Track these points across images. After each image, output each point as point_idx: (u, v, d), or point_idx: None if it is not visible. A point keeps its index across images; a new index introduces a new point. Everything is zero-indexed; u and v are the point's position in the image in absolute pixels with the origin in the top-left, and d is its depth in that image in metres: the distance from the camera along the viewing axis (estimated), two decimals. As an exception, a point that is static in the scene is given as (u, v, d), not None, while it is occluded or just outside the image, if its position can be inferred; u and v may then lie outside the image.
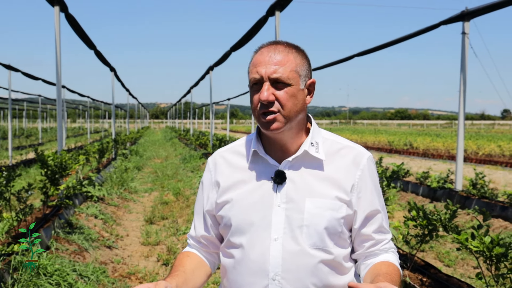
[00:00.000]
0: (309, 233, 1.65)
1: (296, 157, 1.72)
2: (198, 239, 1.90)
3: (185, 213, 8.98)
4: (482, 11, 8.62)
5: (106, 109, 58.78)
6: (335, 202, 1.68)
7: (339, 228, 1.68)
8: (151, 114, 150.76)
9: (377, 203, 1.75)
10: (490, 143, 22.17)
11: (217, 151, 1.91)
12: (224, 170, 1.82)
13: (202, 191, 1.89)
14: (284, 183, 1.70)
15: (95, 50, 12.74)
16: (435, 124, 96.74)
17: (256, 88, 1.68)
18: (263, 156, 1.75)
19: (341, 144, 1.78)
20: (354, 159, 1.73)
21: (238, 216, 1.72)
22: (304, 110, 1.71)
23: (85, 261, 5.61)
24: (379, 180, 1.82)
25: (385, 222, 1.79)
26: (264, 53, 1.68)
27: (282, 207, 1.68)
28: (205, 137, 23.98)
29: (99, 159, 13.74)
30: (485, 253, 2.98)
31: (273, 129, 1.65)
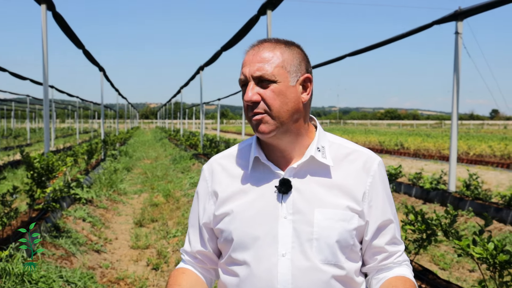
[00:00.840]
0: (320, 247, 1.51)
1: (301, 164, 1.57)
2: (194, 254, 1.73)
3: (175, 215, 8.83)
4: (475, 10, 8.55)
5: (95, 109, 58.41)
6: (346, 213, 1.53)
7: (351, 240, 1.54)
8: (141, 114, 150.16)
9: (389, 212, 1.61)
10: (481, 143, 22.19)
11: (213, 158, 1.75)
12: (222, 178, 1.66)
13: (198, 201, 1.72)
14: (289, 193, 1.55)
15: (84, 49, 12.54)
16: (425, 124, 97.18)
17: (244, 90, 1.55)
18: (265, 162, 1.60)
19: (349, 148, 1.63)
20: (364, 165, 1.59)
21: (240, 230, 1.56)
22: (299, 109, 1.55)
23: (72, 267, 5.44)
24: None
25: (398, 232, 1.65)
26: (250, 52, 1.56)
27: (289, 219, 1.53)
28: (195, 137, 23.82)
29: (87, 160, 13.53)
30: (489, 260, 2.86)
31: (261, 131, 1.51)
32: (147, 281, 5.53)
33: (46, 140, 7.81)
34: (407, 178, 11.63)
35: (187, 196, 10.68)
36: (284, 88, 1.51)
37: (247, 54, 1.56)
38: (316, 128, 1.65)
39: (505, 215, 7.54)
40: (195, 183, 12.22)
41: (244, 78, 1.53)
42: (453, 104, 9.06)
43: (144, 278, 5.62)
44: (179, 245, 6.79)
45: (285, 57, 1.53)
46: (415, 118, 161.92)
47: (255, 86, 1.51)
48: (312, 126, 1.66)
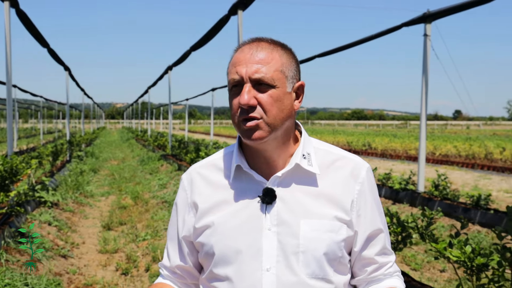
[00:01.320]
0: (307, 261, 1.42)
1: (286, 172, 1.48)
2: (173, 269, 1.64)
3: (145, 218, 8.66)
4: (444, 13, 8.66)
5: (60, 109, 57.20)
6: (334, 223, 1.45)
7: (339, 252, 1.46)
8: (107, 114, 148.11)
9: (379, 221, 1.54)
10: (446, 144, 22.60)
11: (193, 167, 1.65)
12: (202, 189, 1.56)
13: (177, 213, 1.62)
14: (274, 203, 1.46)
15: (48, 48, 12.23)
16: (391, 124, 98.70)
17: (235, 91, 1.44)
18: (247, 171, 1.51)
19: (335, 154, 1.55)
20: (352, 172, 1.52)
21: (221, 243, 1.47)
22: (291, 116, 1.47)
23: (38, 273, 5.24)
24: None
25: (388, 242, 1.58)
26: (245, 50, 1.45)
27: (273, 231, 1.44)
28: (163, 138, 23.55)
29: (52, 161, 13.20)
30: (466, 263, 2.85)
31: (255, 138, 1.41)
32: (117, 287, 5.39)
33: (9, 142, 7.55)
34: (376, 179, 11.72)
35: (156, 198, 10.52)
36: (282, 94, 1.43)
37: (242, 52, 1.45)
38: (301, 134, 1.57)
39: (473, 215, 7.64)
40: (164, 185, 12.06)
41: (239, 79, 1.42)
42: (422, 105, 9.15)
43: (114, 284, 5.46)
44: (149, 248, 6.64)
45: (284, 60, 1.45)
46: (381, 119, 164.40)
47: (252, 89, 1.41)
48: (297, 132, 1.58)
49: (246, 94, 1.39)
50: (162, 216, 8.57)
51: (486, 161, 18.58)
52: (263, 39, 1.48)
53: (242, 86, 1.42)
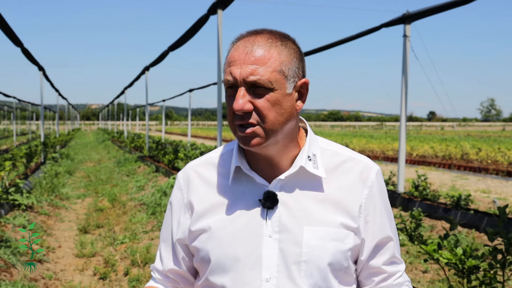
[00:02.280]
0: (309, 271, 1.31)
1: (290, 175, 1.37)
2: (166, 273, 1.53)
3: (122, 221, 8.48)
4: (423, 14, 8.69)
5: (33, 110, 56.26)
6: (340, 231, 1.34)
7: (345, 262, 1.35)
8: (82, 115, 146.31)
9: (388, 228, 1.43)
10: (423, 144, 22.82)
11: (190, 164, 1.53)
12: (199, 189, 1.45)
13: (171, 214, 1.51)
14: (275, 208, 1.35)
15: (22, 47, 11.95)
16: (367, 126, 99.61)
17: (231, 93, 1.31)
18: (248, 173, 1.39)
19: (343, 155, 1.43)
20: (361, 175, 1.40)
21: (218, 250, 1.36)
22: (292, 118, 1.34)
23: (13, 279, 5.06)
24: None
25: (398, 250, 1.47)
26: (239, 48, 1.30)
27: (274, 238, 1.33)
28: (140, 139, 23.26)
29: (27, 163, 12.90)
30: (458, 265, 2.80)
31: (252, 145, 1.29)
32: (95, 292, 5.23)
33: (-18, 143, 7.30)
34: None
35: (133, 200, 10.33)
36: (281, 97, 1.29)
37: (236, 50, 1.31)
38: (307, 132, 1.45)
39: (454, 216, 7.66)
40: (141, 187, 11.87)
41: (232, 80, 1.29)
42: (402, 106, 9.16)
43: (92, 289, 5.31)
44: (128, 252, 6.49)
45: (283, 58, 1.30)
46: (357, 120, 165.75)
47: (246, 92, 1.28)
48: (302, 131, 1.46)
49: (241, 99, 1.27)
50: (140, 218, 8.41)
51: (463, 161, 18.79)
52: (261, 32, 1.33)
53: (237, 88, 1.29)
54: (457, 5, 7.76)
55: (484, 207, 9.45)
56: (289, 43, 1.34)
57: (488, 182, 14.30)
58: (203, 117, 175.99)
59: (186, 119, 30.29)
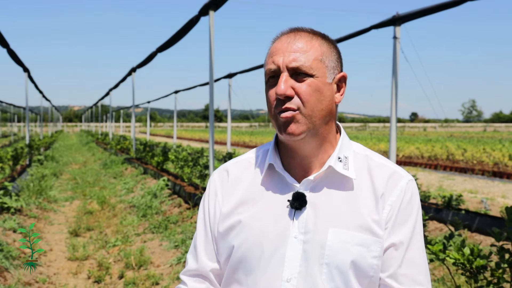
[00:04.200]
0: (331, 274, 1.29)
1: (319, 175, 1.36)
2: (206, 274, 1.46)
3: (113, 223, 8.41)
4: (413, 16, 8.73)
5: (15, 112, 55.60)
6: (366, 237, 1.31)
7: (370, 271, 1.31)
8: (64, 117, 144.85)
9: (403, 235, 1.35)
10: (409, 145, 23.01)
11: (224, 165, 1.53)
12: (232, 187, 1.45)
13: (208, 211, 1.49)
14: (303, 209, 1.34)
15: (8, 48, 11.79)
16: (350, 127, 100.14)
17: (272, 82, 1.34)
18: (280, 172, 1.39)
19: (375, 161, 1.41)
20: (389, 182, 1.36)
21: (243, 247, 1.36)
22: (332, 112, 1.36)
23: (7, 283, 4.99)
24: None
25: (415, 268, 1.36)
26: (282, 39, 1.35)
27: (299, 239, 1.32)
28: (126, 141, 23.12)
29: (13, 166, 12.73)
30: (466, 265, 2.81)
31: (291, 132, 1.29)
32: (91, 296, 5.17)
33: (-30, 145, 7.18)
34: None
35: (123, 202, 10.25)
36: (322, 84, 1.32)
37: (279, 42, 1.36)
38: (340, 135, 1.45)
39: (445, 216, 7.72)
40: (130, 189, 11.79)
41: (275, 68, 1.32)
42: (392, 107, 9.19)
43: (87, 293, 5.25)
44: (121, 255, 6.42)
45: (324, 49, 1.34)
46: (340, 121, 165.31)
47: (289, 78, 1.31)
48: (338, 134, 1.46)
49: (283, 84, 1.29)
50: (131, 221, 8.34)
51: (449, 162, 18.98)
52: (302, 28, 1.39)
53: (279, 76, 1.32)
54: (447, 7, 7.83)
55: (473, 207, 9.54)
56: (329, 40, 1.39)
57: (475, 182, 14.47)
58: (187, 119, 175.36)
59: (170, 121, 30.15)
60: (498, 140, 28.33)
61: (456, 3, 7.64)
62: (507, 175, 15.22)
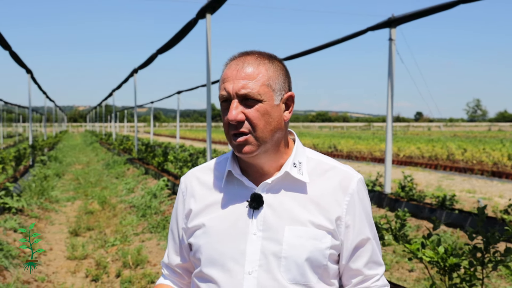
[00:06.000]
0: (288, 266, 1.46)
1: (276, 179, 1.52)
2: (173, 268, 1.70)
3: (113, 223, 8.55)
4: (408, 18, 8.85)
5: (20, 112, 55.85)
6: (318, 231, 1.48)
7: (323, 261, 1.49)
8: (69, 117, 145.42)
9: (367, 232, 1.56)
10: (410, 145, 23.04)
11: (191, 170, 1.71)
12: (197, 191, 1.62)
13: (176, 213, 1.68)
14: (261, 208, 1.50)
15: (10, 50, 11.96)
16: (355, 126, 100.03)
17: (225, 106, 1.49)
18: (238, 177, 1.55)
19: (327, 164, 1.58)
20: (341, 182, 1.54)
21: (209, 245, 1.52)
22: (281, 128, 1.51)
23: (6, 281, 5.13)
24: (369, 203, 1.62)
25: (377, 254, 1.60)
26: (232, 66, 1.48)
27: (258, 236, 1.48)
28: (129, 141, 23.28)
29: (16, 166, 12.91)
30: (439, 263, 2.93)
31: (245, 152, 1.46)
32: (87, 294, 5.31)
33: (-28, 147, 7.34)
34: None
35: (123, 202, 10.39)
36: (269, 108, 1.46)
37: (229, 68, 1.49)
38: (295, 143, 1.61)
39: (439, 215, 7.82)
40: (131, 189, 11.93)
41: (226, 95, 1.46)
42: (388, 108, 9.32)
43: (84, 291, 5.38)
44: (119, 254, 6.57)
45: (270, 74, 1.48)
46: (345, 121, 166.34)
47: (239, 104, 1.45)
48: (291, 141, 1.61)
49: (234, 110, 1.44)
50: (130, 221, 8.48)
51: (449, 162, 19.03)
52: (250, 53, 1.51)
53: (231, 101, 1.46)
54: (441, 9, 7.93)
55: (469, 207, 9.63)
56: (276, 62, 1.52)
57: (474, 182, 14.53)
58: (191, 119, 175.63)
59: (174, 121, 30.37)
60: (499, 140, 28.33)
61: (449, 5, 7.75)
62: (506, 174, 15.28)
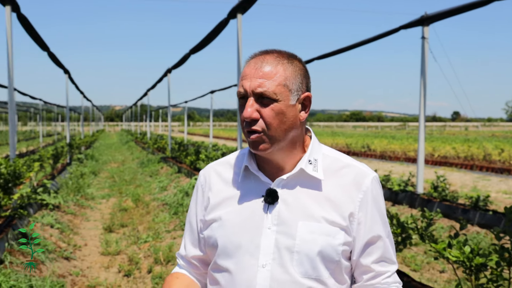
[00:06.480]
0: (300, 260, 1.49)
1: (291, 176, 1.56)
2: (189, 259, 1.73)
3: (146, 220, 8.72)
4: (441, 16, 8.73)
5: (59, 112, 57.21)
6: (331, 227, 1.51)
7: (336, 257, 1.51)
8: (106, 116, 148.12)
9: (379, 229, 1.57)
10: (445, 145, 22.65)
11: (210, 164, 1.76)
12: (215, 184, 1.67)
13: (196, 205, 1.72)
14: (276, 203, 1.54)
15: (49, 51, 12.29)
16: (389, 126, 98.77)
17: (242, 103, 1.53)
18: (254, 172, 1.59)
19: (342, 162, 1.61)
20: (356, 179, 1.57)
21: (225, 237, 1.57)
22: (296, 127, 1.53)
23: (42, 275, 5.30)
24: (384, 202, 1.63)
25: (389, 251, 1.61)
26: (251, 64, 1.52)
27: (272, 230, 1.52)
28: (163, 140, 23.60)
29: (53, 164, 13.25)
30: (465, 263, 2.91)
31: (259, 149, 1.50)
32: (120, 289, 5.44)
33: (12, 145, 7.60)
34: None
35: (156, 200, 10.57)
36: (284, 108, 1.49)
37: (248, 66, 1.52)
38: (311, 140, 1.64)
39: (472, 216, 7.70)
40: (164, 187, 12.11)
41: (243, 92, 1.50)
42: (420, 107, 9.22)
43: (117, 285, 5.52)
44: (151, 250, 6.70)
45: (288, 74, 1.50)
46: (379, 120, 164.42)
47: (255, 102, 1.49)
48: (308, 139, 1.64)
49: (249, 108, 1.47)
50: (163, 218, 8.62)
51: (485, 162, 18.63)
52: (270, 52, 1.54)
53: (247, 99, 1.50)
54: (475, 6, 7.80)
55: (504, 208, 9.43)
56: (295, 62, 1.54)
57: (510, 183, 14.20)
58: (225, 118, 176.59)
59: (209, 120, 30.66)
60: (540, 140, 27.55)
61: (483, 2, 7.62)
62: (545, 176, 14.87)
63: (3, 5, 7.44)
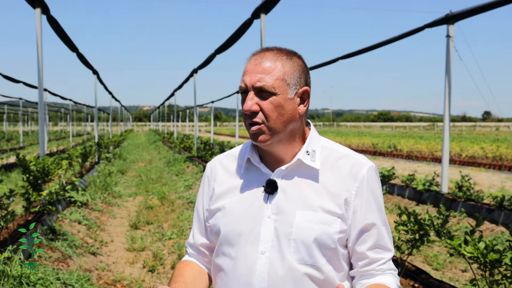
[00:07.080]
0: (297, 247, 1.57)
1: (290, 166, 1.64)
2: (197, 247, 1.83)
3: (171, 218, 8.87)
4: (466, 14, 8.65)
5: (88, 112, 58.23)
6: (327, 216, 1.58)
7: (332, 244, 1.58)
8: (134, 117, 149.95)
9: (374, 217, 1.62)
10: (473, 145, 22.35)
11: (217, 156, 1.85)
12: (220, 176, 1.76)
13: (203, 195, 1.82)
14: (275, 193, 1.62)
15: (78, 52, 12.56)
16: (418, 126, 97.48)
17: (243, 97, 1.62)
18: (256, 164, 1.68)
19: (340, 153, 1.67)
20: (352, 169, 1.63)
21: (227, 226, 1.66)
22: (295, 120, 1.61)
23: (69, 269, 5.48)
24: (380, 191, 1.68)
25: (384, 239, 1.65)
26: (252, 61, 1.61)
27: (272, 219, 1.60)
28: (189, 140, 23.84)
29: (82, 163, 13.54)
30: (480, 259, 2.93)
31: (260, 141, 1.59)
32: (144, 283, 5.58)
33: (41, 144, 7.83)
34: (400, 180, 11.72)
35: (182, 198, 10.72)
36: (283, 101, 1.57)
37: (249, 63, 1.61)
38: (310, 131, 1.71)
39: (497, 216, 7.63)
40: (189, 186, 12.27)
41: (244, 87, 1.59)
42: (445, 106, 9.15)
43: (141, 280, 5.66)
44: (175, 247, 6.84)
45: (286, 69, 1.58)
46: (408, 120, 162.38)
47: (255, 96, 1.57)
48: (309, 131, 1.71)
49: (249, 101, 1.56)
50: (187, 216, 8.76)
51: (514, 162, 18.32)
52: (270, 49, 1.63)
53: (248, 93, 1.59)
54: (501, 4, 7.72)
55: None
56: (294, 58, 1.63)
57: (540, 183, 13.95)
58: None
59: (235, 120, 30.76)
60: None
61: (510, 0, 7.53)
62: None
63: (33, 8, 7.67)
